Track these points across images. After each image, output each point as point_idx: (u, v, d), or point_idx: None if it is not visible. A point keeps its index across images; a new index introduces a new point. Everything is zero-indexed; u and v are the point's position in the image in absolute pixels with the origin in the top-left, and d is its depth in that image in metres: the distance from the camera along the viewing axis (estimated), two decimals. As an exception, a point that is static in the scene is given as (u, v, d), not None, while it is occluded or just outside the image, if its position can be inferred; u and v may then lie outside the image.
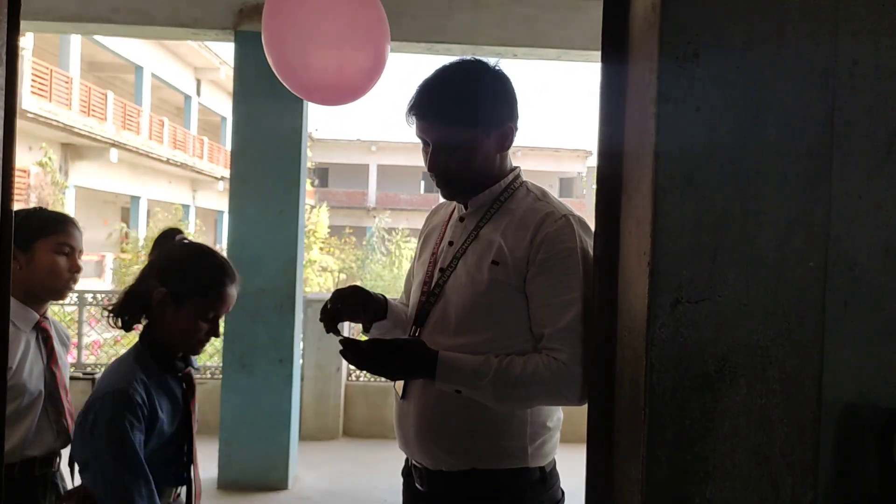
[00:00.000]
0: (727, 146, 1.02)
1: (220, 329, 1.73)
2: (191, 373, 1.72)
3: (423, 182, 32.80)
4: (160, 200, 19.79)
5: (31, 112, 13.03)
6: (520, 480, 1.51)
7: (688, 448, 1.03)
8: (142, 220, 19.07)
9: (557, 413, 1.59)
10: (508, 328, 1.49)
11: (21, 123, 12.26)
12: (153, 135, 19.20)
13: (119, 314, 1.68)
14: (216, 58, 21.65)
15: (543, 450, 1.53)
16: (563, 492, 1.59)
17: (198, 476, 1.72)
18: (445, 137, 1.50)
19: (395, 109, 42.00)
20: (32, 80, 13.45)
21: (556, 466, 1.59)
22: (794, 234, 1.03)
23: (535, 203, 1.55)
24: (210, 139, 24.00)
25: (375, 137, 32.95)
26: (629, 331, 1.11)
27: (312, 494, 4.42)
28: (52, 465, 1.93)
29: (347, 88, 2.82)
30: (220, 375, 4.70)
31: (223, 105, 24.19)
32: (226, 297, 1.69)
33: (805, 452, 1.03)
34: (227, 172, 5.38)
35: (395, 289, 17.81)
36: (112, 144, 16.56)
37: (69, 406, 1.95)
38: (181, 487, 1.69)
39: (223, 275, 1.69)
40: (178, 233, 1.77)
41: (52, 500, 1.90)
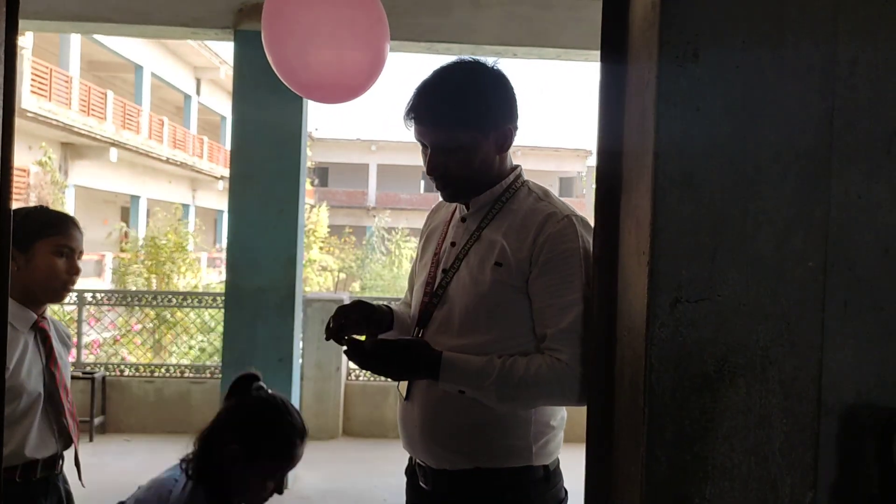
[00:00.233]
0: (726, 146, 1.02)
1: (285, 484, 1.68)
2: None
3: (423, 182, 32.74)
4: (160, 200, 19.78)
5: (31, 111, 13.02)
6: (523, 479, 1.51)
7: (687, 448, 1.03)
8: (141, 220, 19.05)
9: (561, 412, 1.59)
10: (511, 329, 1.49)
11: (21, 123, 12.29)
12: (153, 134, 19.19)
13: (196, 463, 1.62)
14: (216, 57, 21.65)
15: (547, 449, 1.53)
16: (567, 491, 1.59)
17: None
18: (444, 141, 1.50)
19: (395, 109, 41.85)
20: (32, 80, 13.43)
21: (560, 465, 1.58)
22: (794, 234, 1.02)
23: (537, 203, 1.55)
24: (210, 139, 23.99)
25: (375, 137, 32.93)
26: (629, 330, 1.11)
27: (312, 494, 4.42)
28: (55, 468, 1.90)
29: (347, 87, 2.83)
30: (220, 375, 4.70)
31: (223, 104, 24.19)
32: (296, 458, 1.66)
33: (805, 452, 1.03)
34: (227, 172, 5.37)
35: (395, 288, 17.81)
36: (112, 144, 16.55)
37: (70, 406, 1.93)
38: None
39: (296, 436, 1.66)
40: (256, 380, 1.71)
41: (53, 503, 1.89)
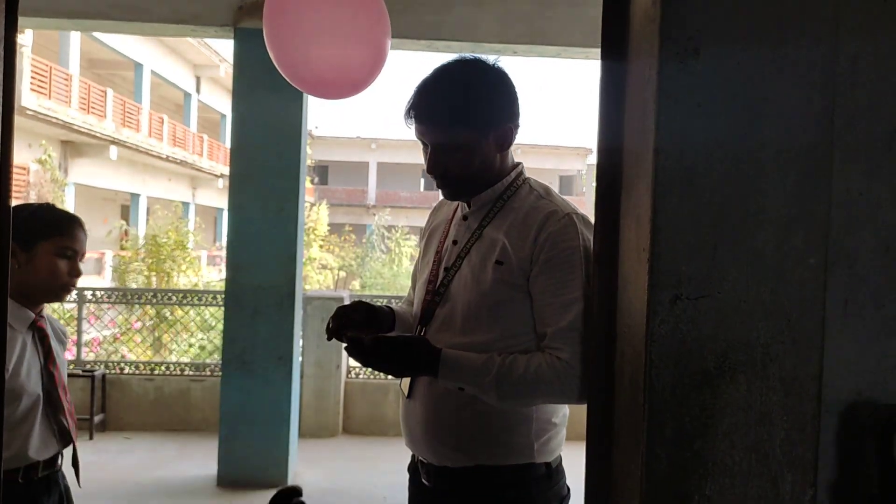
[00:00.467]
0: (727, 143, 1.02)
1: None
2: None
3: (423, 180, 32.78)
4: (160, 198, 19.78)
5: (31, 109, 13.01)
6: (525, 476, 1.51)
7: (687, 445, 1.02)
8: (141, 218, 19.05)
9: (563, 409, 1.59)
10: (514, 327, 1.49)
11: (20, 121, 12.28)
12: (153, 132, 19.19)
13: None
14: (216, 55, 21.64)
15: (549, 446, 1.54)
16: (569, 488, 1.59)
17: None
18: (444, 139, 1.50)
19: (396, 107, 42.01)
20: (32, 78, 13.43)
21: (563, 463, 1.59)
22: (795, 232, 1.02)
23: (539, 201, 1.55)
24: (210, 136, 24.00)
25: (375, 135, 33.02)
26: (628, 327, 1.11)
27: (312, 492, 4.42)
28: (55, 466, 1.90)
29: (349, 83, 2.83)
30: (220, 373, 4.70)
31: (223, 102, 24.18)
32: None
33: (805, 450, 1.03)
34: (227, 170, 5.36)
35: (395, 286, 17.82)
36: (112, 142, 16.55)
37: (69, 405, 1.92)
38: None
39: None
40: (297, 495, 1.60)
41: (55, 501, 1.89)
